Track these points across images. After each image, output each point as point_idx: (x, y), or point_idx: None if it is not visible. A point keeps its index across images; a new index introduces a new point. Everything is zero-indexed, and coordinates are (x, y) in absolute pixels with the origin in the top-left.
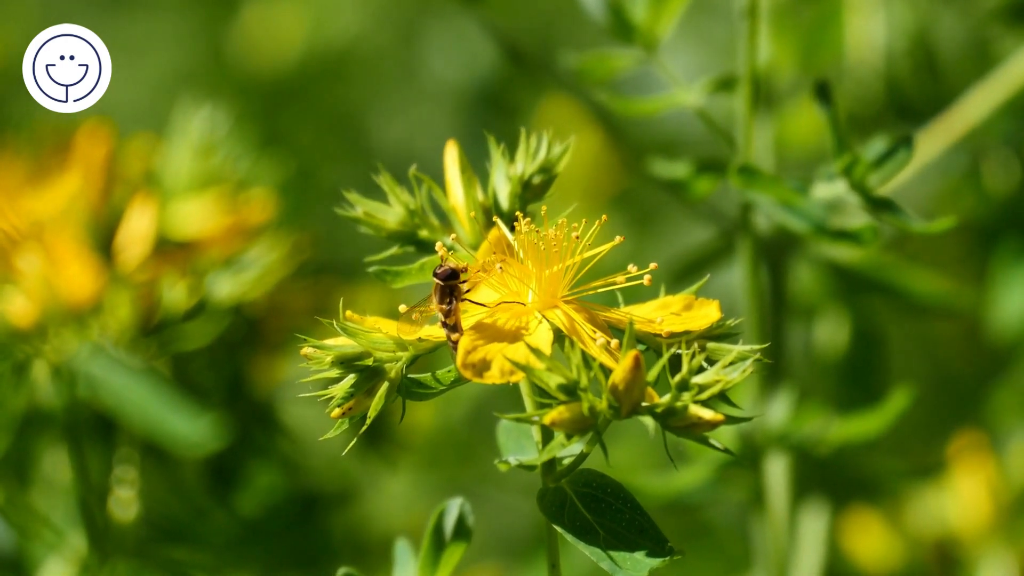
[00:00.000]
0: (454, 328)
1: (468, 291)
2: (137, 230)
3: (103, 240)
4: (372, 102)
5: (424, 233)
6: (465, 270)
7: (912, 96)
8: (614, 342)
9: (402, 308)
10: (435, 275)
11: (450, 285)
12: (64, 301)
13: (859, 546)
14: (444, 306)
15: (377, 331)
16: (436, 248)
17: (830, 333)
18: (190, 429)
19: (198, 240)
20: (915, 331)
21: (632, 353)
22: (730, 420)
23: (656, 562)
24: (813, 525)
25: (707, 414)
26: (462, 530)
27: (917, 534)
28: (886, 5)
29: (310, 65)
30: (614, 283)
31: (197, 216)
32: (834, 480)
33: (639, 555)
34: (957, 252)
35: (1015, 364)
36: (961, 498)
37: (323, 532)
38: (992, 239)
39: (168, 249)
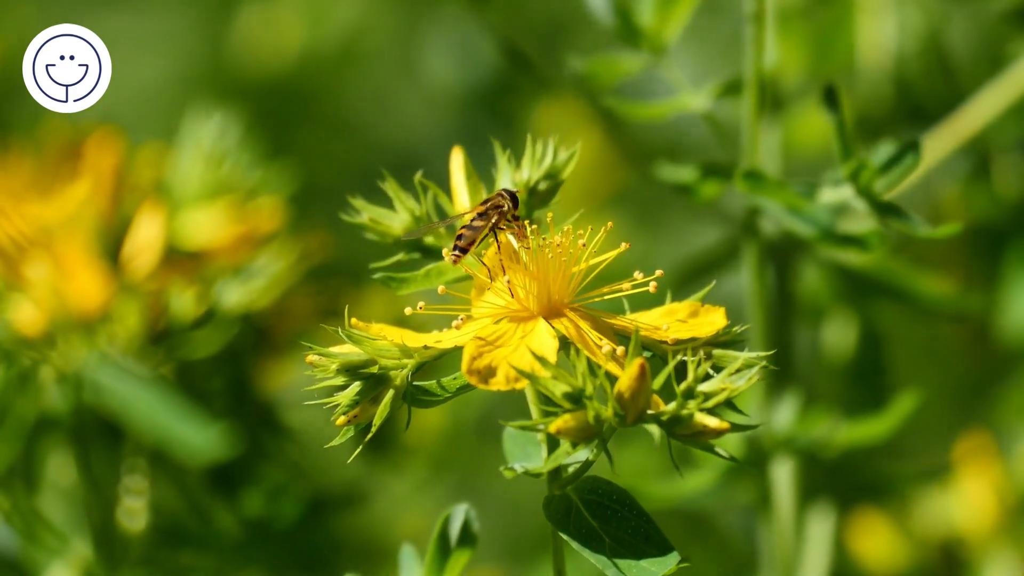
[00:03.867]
0: (468, 243)
1: (503, 229)
2: (146, 239)
3: (112, 248)
4: (373, 102)
5: (430, 239)
6: (516, 217)
7: (923, 98)
8: (620, 349)
9: (408, 311)
10: (503, 190)
11: (499, 205)
12: (72, 309)
13: (866, 548)
14: (480, 220)
15: (382, 338)
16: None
17: (837, 336)
18: (200, 438)
19: (207, 249)
20: (924, 333)
21: (638, 361)
22: (736, 428)
23: (662, 570)
24: (820, 527)
25: (713, 422)
26: (467, 536)
27: (924, 536)
28: (897, 7)
29: (310, 65)
30: (620, 290)
31: (207, 226)
32: (841, 483)
33: (645, 563)
34: (967, 255)
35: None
36: (967, 500)
37: (330, 536)
38: (1002, 242)
39: (177, 258)
